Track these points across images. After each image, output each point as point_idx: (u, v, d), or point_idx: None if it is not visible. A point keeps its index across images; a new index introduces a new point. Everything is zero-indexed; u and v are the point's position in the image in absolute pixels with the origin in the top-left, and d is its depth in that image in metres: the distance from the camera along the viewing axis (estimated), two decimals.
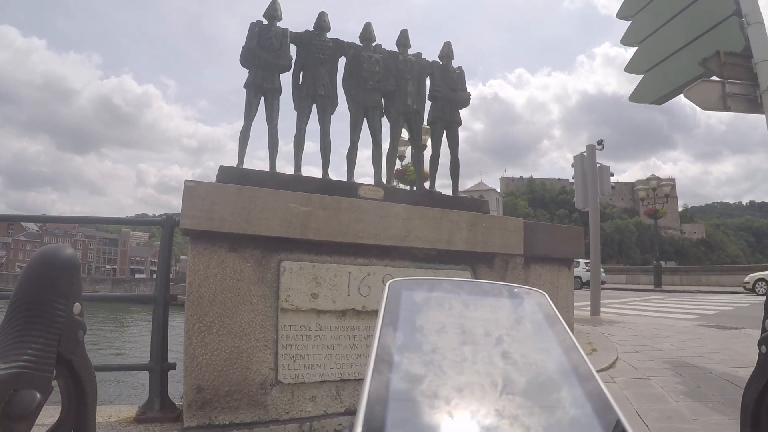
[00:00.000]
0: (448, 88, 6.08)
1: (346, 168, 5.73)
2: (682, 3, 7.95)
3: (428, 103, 6.20)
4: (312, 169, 5.74)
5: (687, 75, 7.62)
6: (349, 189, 5.17)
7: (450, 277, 3.72)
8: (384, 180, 5.88)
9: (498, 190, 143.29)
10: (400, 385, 0.53)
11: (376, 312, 2.72)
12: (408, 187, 10.92)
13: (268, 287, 4.21)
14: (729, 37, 7.18)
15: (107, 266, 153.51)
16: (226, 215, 4.03)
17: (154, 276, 4.58)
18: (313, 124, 5.50)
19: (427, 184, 6.21)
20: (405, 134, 6.37)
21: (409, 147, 7.08)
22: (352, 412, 4.42)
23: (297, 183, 4.87)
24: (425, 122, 6.22)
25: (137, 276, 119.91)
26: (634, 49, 9.16)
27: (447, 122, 6.12)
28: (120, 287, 73.58)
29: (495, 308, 0.69)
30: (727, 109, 6.95)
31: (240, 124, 5.14)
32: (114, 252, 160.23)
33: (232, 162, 4.85)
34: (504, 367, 0.57)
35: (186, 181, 3.99)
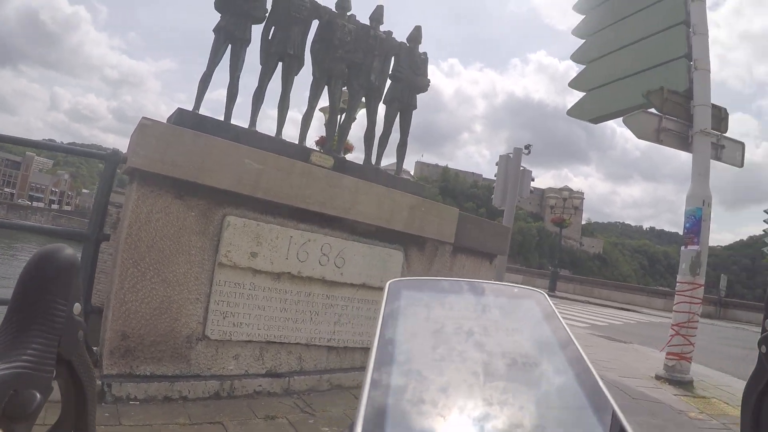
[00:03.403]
0: (411, 71, 5.97)
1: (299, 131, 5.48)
2: (638, 34, 8.17)
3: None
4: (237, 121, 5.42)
5: (628, 102, 7.87)
6: (301, 153, 5.01)
7: (382, 253, 3.49)
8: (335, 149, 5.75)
9: (412, 173, 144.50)
10: (399, 385, 0.49)
11: (310, 278, 3.36)
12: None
13: (208, 240, 4.02)
14: (675, 77, 7.48)
15: (5, 189, 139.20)
16: (179, 160, 3.80)
17: (53, 206, 4.16)
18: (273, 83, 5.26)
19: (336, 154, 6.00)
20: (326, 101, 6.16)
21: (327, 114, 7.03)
22: (272, 374, 4.34)
23: (251, 138, 4.68)
24: (381, 100, 6.00)
25: (34, 204, 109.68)
26: (572, 62, 9.36)
27: (404, 104, 6.02)
28: (15, 213, 70.51)
29: (495, 308, 0.65)
30: (659, 141, 7.29)
31: (167, 63, 4.81)
32: (15, 175, 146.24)
33: (150, 101, 4.53)
34: (504, 367, 0.53)
35: (143, 118, 3.73)
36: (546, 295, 0.68)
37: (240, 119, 4.97)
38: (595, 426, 0.46)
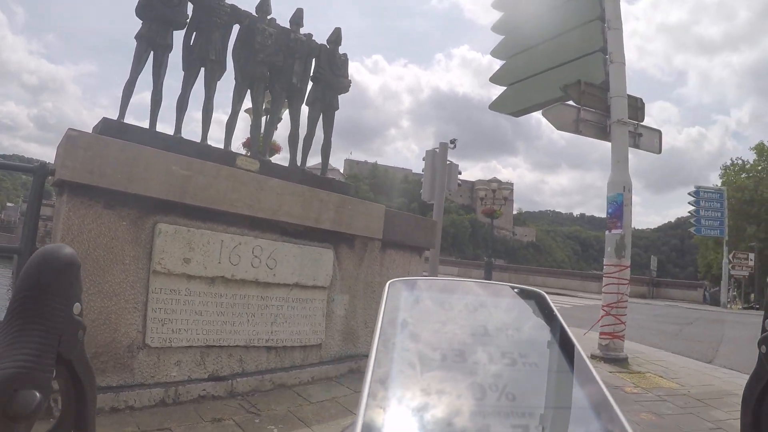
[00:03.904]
0: (332, 72, 6.23)
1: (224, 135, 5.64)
2: (555, 30, 8.60)
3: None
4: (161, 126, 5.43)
5: (547, 96, 8.27)
6: (227, 157, 5.18)
7: (313, 253, 4.44)
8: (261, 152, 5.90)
9: (342, 171, 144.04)
10: (399, 384, 0.53)
11: (243, 281, 3.75)
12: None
13: (141, 248, 4.17)
14: (591, 70, 7.91)
15: None
16: (107, 170, 3.92)
17: None
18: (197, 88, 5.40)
19: (267, 158, 6.22)
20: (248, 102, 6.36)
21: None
22: (215, 378, 4.51)
23: (178, 145, 4.83)
24: (304, 102, 6.21)
25: None
26: (494, 59, 9.77)
27: (325, 105, 6.27)
28: None
29: (495, 308, 0.69)
30: (578, 132, 7.71)
31: (87, 67, 4.86)
32: None
33: (71, 108, 4.57)
34: (504, 366, 0.57)
35: (69, 129, 3.84)
36: (546, 295, 0.71)
37: (165, 123, 5.08)
38: (595, 424, 0.50)
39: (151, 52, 4.98)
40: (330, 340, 5.45)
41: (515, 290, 0.72)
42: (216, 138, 5.57)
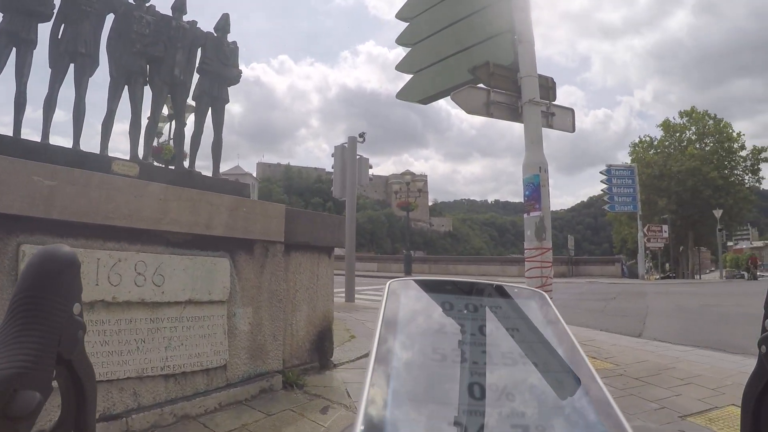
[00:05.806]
0: (220, 62, 5.80)
1: (99, 139, 5.15)
2: (461, 12, 8.49)
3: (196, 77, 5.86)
4: (59, 139, 5.03)
5: (455, 80, 8.14)
6: (101, 163, 4.68)
7: (207, 263, 3.30)
8: (141, 155, 5.47)
9: (254, 175, 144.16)
10: (399, 385, 0.51)
11: (127, 303, 3.26)
12: (164, 166, 10.33)
13: (5, 276, 3.62)
14: (500, 51, 7.83)
15: None
16: None
17: None
18: (67, 87, 4.92)
19: (186, 163, 5.78)
20: (165, 109, 5.90)
21: (168, 123, 6.60)
22: (107, 418, 3.96)
23: (44, 152, 4.31)
24: (190, 96, 5.78)
25: None
26: (401, 50, 9.64)
27: (213, 98, 5.87)
28: None
29: (495, 308, 0.68)
30: (489, 115, 7.60)
31: None
32: None
33: None
34: (504, 366, 0.57)
35: None
36: (546, 295, 0.72)
37: (31, 129, 4.62)
38: (595, 425, 0.48)
39: (13, 49, 4.47)
40: (235, 360, 5.00)
41: (515, 290, 0.73)
42: (118, 149, 5.09)
